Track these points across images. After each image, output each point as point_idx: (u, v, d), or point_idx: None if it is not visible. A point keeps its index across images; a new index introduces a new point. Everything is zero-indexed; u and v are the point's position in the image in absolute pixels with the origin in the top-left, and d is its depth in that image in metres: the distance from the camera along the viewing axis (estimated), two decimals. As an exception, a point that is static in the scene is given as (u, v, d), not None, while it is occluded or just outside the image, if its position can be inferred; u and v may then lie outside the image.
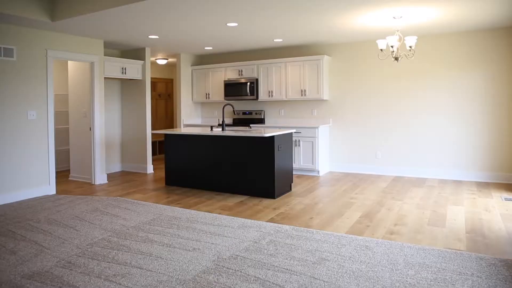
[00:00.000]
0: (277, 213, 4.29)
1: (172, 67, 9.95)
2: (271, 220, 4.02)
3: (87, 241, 3.39)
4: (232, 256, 3.01)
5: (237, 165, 5.20)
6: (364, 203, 4.67)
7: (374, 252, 3.05)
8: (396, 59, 4.80)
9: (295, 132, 6.62)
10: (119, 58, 6.58)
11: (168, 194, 5.32)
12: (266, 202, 4.81)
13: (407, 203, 4.66)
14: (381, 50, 4.86)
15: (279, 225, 3.81)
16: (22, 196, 5.09)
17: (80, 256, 3.04)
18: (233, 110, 5.49)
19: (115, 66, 6.53)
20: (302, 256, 3.00)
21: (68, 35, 5.61)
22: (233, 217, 4.08)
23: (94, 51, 6.01)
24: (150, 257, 3.01)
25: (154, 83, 9.52)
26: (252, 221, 3.95)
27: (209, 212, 4.38)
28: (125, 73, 6.69)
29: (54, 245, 3.31)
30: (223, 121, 5.51)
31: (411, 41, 4.63)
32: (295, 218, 4.11)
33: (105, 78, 6.60)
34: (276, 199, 4.93)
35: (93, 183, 6.11)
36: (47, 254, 3.11)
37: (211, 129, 5.57)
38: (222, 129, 5.49)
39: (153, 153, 9.07)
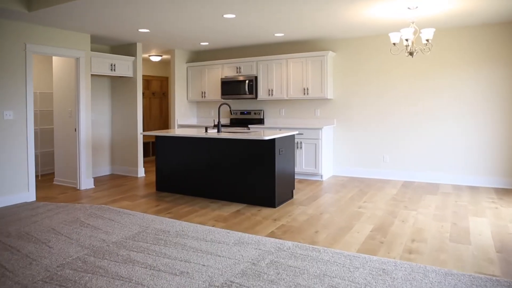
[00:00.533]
0: (278, 226, 3.83)
1: (167, 65, 9.49)
2: (272, 235, 3.56)
3: (59, 261, 2.92)
4: (225, 283, 2.54)
5: (234, 171, 4.74)
6: (375, 214, 4.21)
7: (394, 278, 2.59)
8: (411, 54, 4.34)
9: (297, 134, 6.16)
10: (108, 54, 6.11)
11: (158, 201, 4.86)
12: (266, 211, 4.35)
13: (422, 213, 4.21)
14: (394, 44, 4.41)
15: (281, 241, 3.34)
16: (-3, 204, 4.63)
17: (46, 282, 2.58)
18: (230, 110, 5.04)
19: (103, 63, 6.06)
20: (308, 283, 2.53)
21: (49, 28, 5.14)
22: (228, 231, 3.62)
23: (80, 45, 5.54)
24: (130, 284, 2.54)
25: (148, 81, 9.05)
26: (250, 235, 3.49)
27: (202, 224, 3.91)
28: (115, 70, 6.22)
29: (19, 266, 2.84)
30: (218, 122, 5.05)
31: (428, 33, 4.17)
32: (299, 231, 3.65)
33: (92, 75, 6.14)
34: (277, 208, 4.47)
35: (78, 188, 5.64)
36: (7, 279, 2.64)
37: (206, 131, 5.11)
38: (218, 131, 5.03)
39: (146, 155, 8.61)
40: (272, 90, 6.66)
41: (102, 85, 6.71)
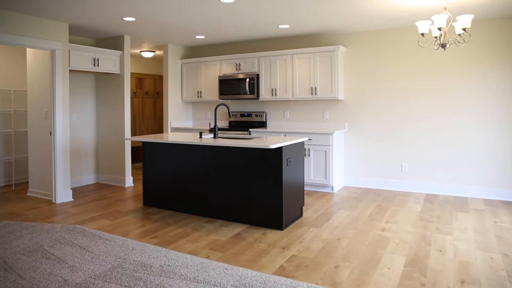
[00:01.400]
0: (288, 257, 3.10)
1: (160, 62, 8.75)
2: (281, 271, 2.83)
3: (0, 316, 2.19)
4: None
5: (233, 184, 4.01)
6: (403, 239, 3.49)
7: None
8: (443, 46, 3.62)
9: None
10: (90, 47, 5.37)
11: (144, 220, 4.12)
12: (272, 235, 3.61)
13: (461, 239, 3.48)
14: (422, 34, 3.68)
15: (294, 282, 2.61)
16: (-49, 224, 3.89)
17: None
18: (229, 112, 4.31)
19: (85, 57, 5.32)
20: None
21: (19, 14, 4.40)
22: (226, 266, 2.89)
23: (56, 36, 4.80)
24: None
25: (140, 79, 8.31)
26: (254, 273, 2.75)
27: (194, 254, 3.18)
28: (98, 65, 5.47)
29: None
30: (215, 126, 4.31)
31: (465, 21, 3.44)
32: (314, 266, 2.92)
33: (72, 71, 5.39)
34: (285, 231, 3.74)
35: (54, 201, 4.90)
36: None
37: (200, 136, 4.37)
38: (214, 136, 4.29)
39: (136, 160, 7.86)
40: (275, 90, 5.93)
41: (85, 83, 5.97)
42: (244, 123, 6.46)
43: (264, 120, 6.32)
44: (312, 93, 5.65)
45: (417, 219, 4.11)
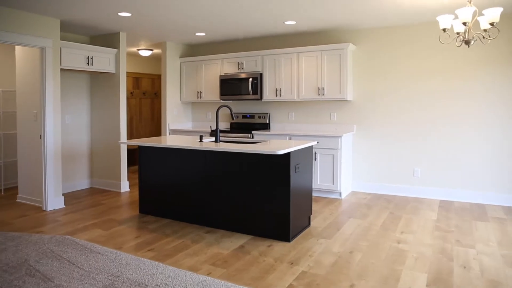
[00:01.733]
0: (297, 274, 2.80)
1: (159, 61, 8.45)
2: (291, 292, 2.53)
3: None
4: None
5: (236, 192, 3.71)
6: (422, 253, 3.19)
7: None
8: (467, 43, 3.32)
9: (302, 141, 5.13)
10: (83, 44, 5.07)
11: (140, 230, 3.82)
12: (278, 248, 3.32)
13: (485, 252, 3.19)
14: (444, 30, 3.38)
15: (306, 306, 2.31)
16: None
17: None
18: (231, 114, 4.02)
19: (78, 55, 5.02)
20: None
21: (4, 8, 4.11)
22: (230, 285, 2.59)
23: (46, 33, 4.50)
24: None
25: (137, 79, 8.02)
26: (261, 295, 2.46)
27: (193, 270, 2.88)
28: (92, 63, 5.17)
29: None
30: (217, 129, 4.01)
31: (493, 14, 3.15)
32: (327, 285, 2.62)
33: (64, 69, 5.09)
34: (292, 243, 3.44)
35: (44, 208, 4.60)
36: None
37: (201, 140, 4.07)
38: (216, 140, 3.99)
39: (132, 163, 7.56)
40: (280, 90, 5.63)
41: (79, 83, 5.67)
42: (246, 125, 6.17)
43: (267, 122, 6.02)
44: (319, 94, 5.35)
45: (434, 229, 3.81)
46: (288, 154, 3.39)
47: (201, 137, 4.06)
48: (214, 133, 5.83)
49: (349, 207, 4.66)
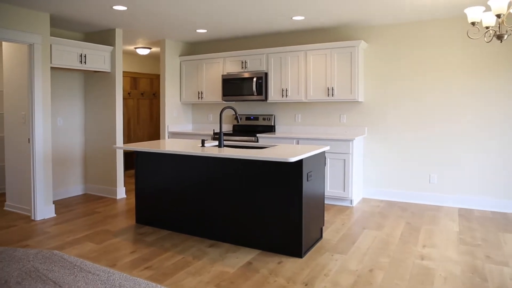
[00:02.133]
0: (314, 299, 2.46)
1: (157, 60, 8.11)
2: (309, 323, 2.20)
3: None
4: None
5: (242, 202, 3.37)
6: (451, 272, 2.85)
7: None
8: (500, 37, 2.99)
9: (314, 146, 4.79)
10: (75, 41, 4.73)
11: (136, 243, 3.48)
12: (290, 265, 2.98)
13: (522, 272, 2.86)
14: (473, 24, 3.05)
15: None
16: None
17: None
18: (236, 116, 3.69)
19: (70, 52, 4.68)
20: None
21: (-10, 1, 3.77)
22: (238, 314, 2.25)
23: (35, 28, 4.16)
24: None
25: (135, 79, 7.68)
26: (275, 327, 2.12)
27: (196, 294, 2.54)
28: (85, 62, 4.84)
29: None
30: (220, 133, 3.67)
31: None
32: (351, 314, 2.28)
33: (55, 68, 4.75)
34: (304, 259, 3.11)
35: (33, 217, 4.25)
36: None
37: (203, 144, 3.73)
38: (219, 145, 3.65)
39: (129, 167, 7.22)
40: (286, 90, 5.30)
41: (72, 82, 5.33)
42: (250, 127, 5.83)
43: (272, 124, 5.69)
44: (328, 94, 5.02)
45: (458, 242, 3.48)
46: (300, 161, 3.06)
47: (203, 142, 3.72)
48: (217, 136, 5.50)
49: (362, 216, 4.33)
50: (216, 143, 4.05)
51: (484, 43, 4.45)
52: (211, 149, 3.50)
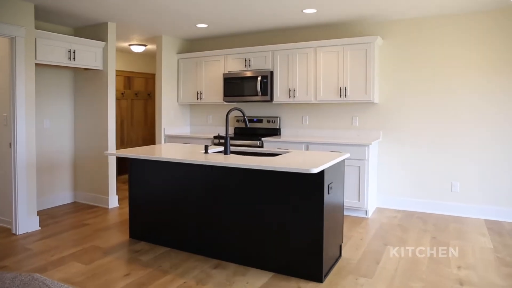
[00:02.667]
0: None
1: (153, 58, 7.61)
2: None
3: None
4: None
5: (251, 215, 2.95)
6: (499, 301, 2.46)
7: None
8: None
9: (331, 152, 4.39)
10: (63, 35, 4.29)
11: (130, 264, 3.04)
12: (310, 292, 2.56)
13: None
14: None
15: None
16: None
17: None
18: (244, 119, 3.27)
19: (57, 47, 4.23)
20: None
21: (-36, -13, 3.32)
22: None
23: (17, 19, 3.71)
24: None
25: (129, 78, 7.23)
26: None
27: (203, 333, 2.11)
28: (74, 58, 4.39)
29: None
30: (226, 138, 3.24)
31: None
32: None
33: (41, 65, 4.28)
34: (325, 283, 2.69)
35: (14, 231, 3.79)
36: None
37: (206, 150, 3.30)
38: (225, 151, 3.22)
39: (122, 171, 6.75)
40: (294, 91, 4.89)
41: (60, 81, 4.87)
42: (253, 131, 5.41)
43: (277, 127, 5.27)
44: (340, 95, 4.61)
45: (496, 262, 3.08)
46: (321, 173, 2.64)
47: (206, 148, 3.29)
48: (221, 141, 5.07)
49: (381, 229, 3.92)
50: (221, 148, 3.62)
51: (512, 39, 4.08)
52: (216, 156, 3.08)
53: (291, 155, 3.12)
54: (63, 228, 3.94)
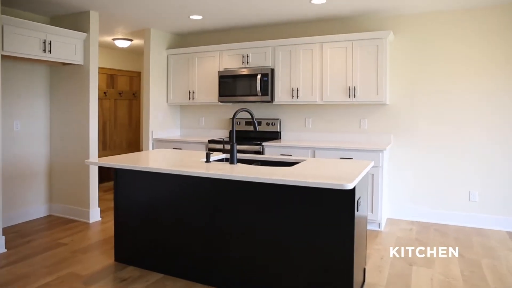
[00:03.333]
0: None
1: (139, 54, 7.08)
2: None
3: None
4: None
5: (264, 238, 2.47)
6: None
7: None
8: None
9: (340, 158, 3.97)
10: (36, 23, 3.72)
11: (117, 297, 2.52)
12: (340, 333, 2.11)
13: None
14: None
15: None
16: None
17: None
18: (253, 121, 2.81)
19: (29, 37, 3.66)
20: None
21: None
22: None
23: (-20, 2, 3.13)
24: None
25: (112, 76, 6.65)
26: None
27: None
28: (50, 51, 3.82)
29: None
30: (232, 145, 2.75)
31: None
32: None
33: (10, 57, 3.69)
34: (356, 320, 2.25)
35: (-24, 254, 3.20)
36: None
37: (207, 159, 2.80)
38: (231, 160, 2.73)
39: (105, 179, 6.16)
40: (297, 90, 4.45)
41: (33, 77, 4.28)
42: (249, 134, 4.94)
43: (278, 130, 4.82)
44: (349, 95, 4.20)
45: (539, 285, 2.71)
46: (353, 189, 2.19)
47: (208, 156, 2.79)
48: (217, 146, 4.58)
49: (398, 244, 3.51)
50: (222, 156, 3.14)
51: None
52: (220, 166, 2.60)
53: (310, 165, 2.67)
54: (34, 249, 3.36)
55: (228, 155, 3.07)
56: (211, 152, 2.97)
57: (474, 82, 4.00)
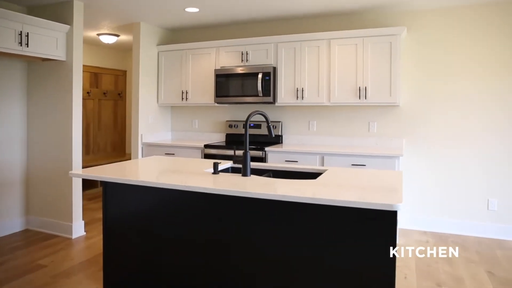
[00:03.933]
0: None
1: (126, 51, 6.61)
2: None
3: None
4: None
5: (285, 265, 2.10)
6: None
7: None
8: None
9: (352, 165, 3.64)
10: (11, 12, 3.25)
11: (108, 337, 2.10)
12: None
13: None
14: None
15: None
16: None
17: None
18: (267, 124, 2.45)
19: (3, 28, 3.19)
20: None
21: None
22: None
23: None
24: None
25: (96, 74, 6.16)
26: None
27: None
28: (27, 44, 3.36)
29: None
30: (245, 154, 2.37)
31: None
32: None
33: (-19, 52, 3.23)
34: None
35: None
36: None
37: (215, 170, 2.41)
38: (244, 172, 2.34)
39: (88, 185, 5.67)
40: (302, 91, 4.11)
41: (7, 73, 3.80)
42: (250, 138, 4.57)
43: (279, 134, 4.47)
44: (359, 96, 3.88)
45: None
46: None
47: (215, 166, 2.40)
48: (212, 151, 4.19)
49: (419, 260, 3.20)
50: (228, 164, 2.76)
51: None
52: (232, 180, 2.21)
53: (337, 176, 2.32)
54: (7, 274, 2.90)
55: (232, 162, 2.70)
56: (219, 161, 2.57)
57: (493, 84, 3.74)
